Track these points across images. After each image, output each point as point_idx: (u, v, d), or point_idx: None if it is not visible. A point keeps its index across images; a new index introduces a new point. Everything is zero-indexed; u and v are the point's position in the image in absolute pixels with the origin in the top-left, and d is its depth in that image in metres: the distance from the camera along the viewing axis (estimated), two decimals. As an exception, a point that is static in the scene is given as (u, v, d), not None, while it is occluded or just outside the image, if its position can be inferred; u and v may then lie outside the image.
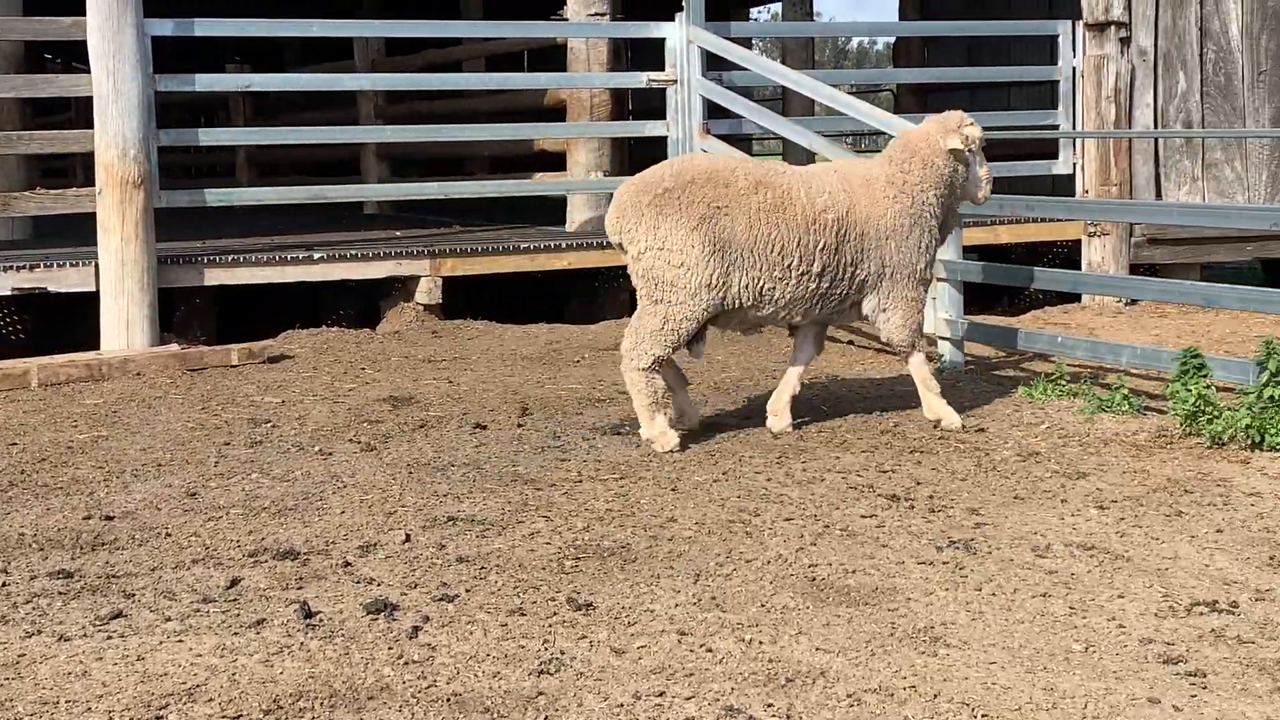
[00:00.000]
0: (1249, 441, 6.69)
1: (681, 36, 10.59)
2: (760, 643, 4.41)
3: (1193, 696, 4.02)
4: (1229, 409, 6.87)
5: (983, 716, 3.89)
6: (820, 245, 6.90)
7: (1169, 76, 11.70)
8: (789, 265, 6.86)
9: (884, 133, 9.53)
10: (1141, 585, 4.95)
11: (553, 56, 12.16)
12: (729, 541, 5.41)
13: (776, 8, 16.78)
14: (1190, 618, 4.64)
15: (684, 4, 10.60)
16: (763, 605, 4.74)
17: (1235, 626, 4.55)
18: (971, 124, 7.23)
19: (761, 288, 6.87)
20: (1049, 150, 12.07)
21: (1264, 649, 4.36)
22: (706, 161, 7.13)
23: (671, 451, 6.78)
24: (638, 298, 7.05)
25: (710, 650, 4.35)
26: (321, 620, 4.62)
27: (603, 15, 11.26)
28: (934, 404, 7.32)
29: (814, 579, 5.01)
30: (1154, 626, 4.57)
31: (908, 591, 4.89)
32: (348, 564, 5.19)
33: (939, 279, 8.80)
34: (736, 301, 6.88)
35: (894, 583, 4.98)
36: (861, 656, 4.32)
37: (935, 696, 4.01)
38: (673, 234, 6.74)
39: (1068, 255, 12.18)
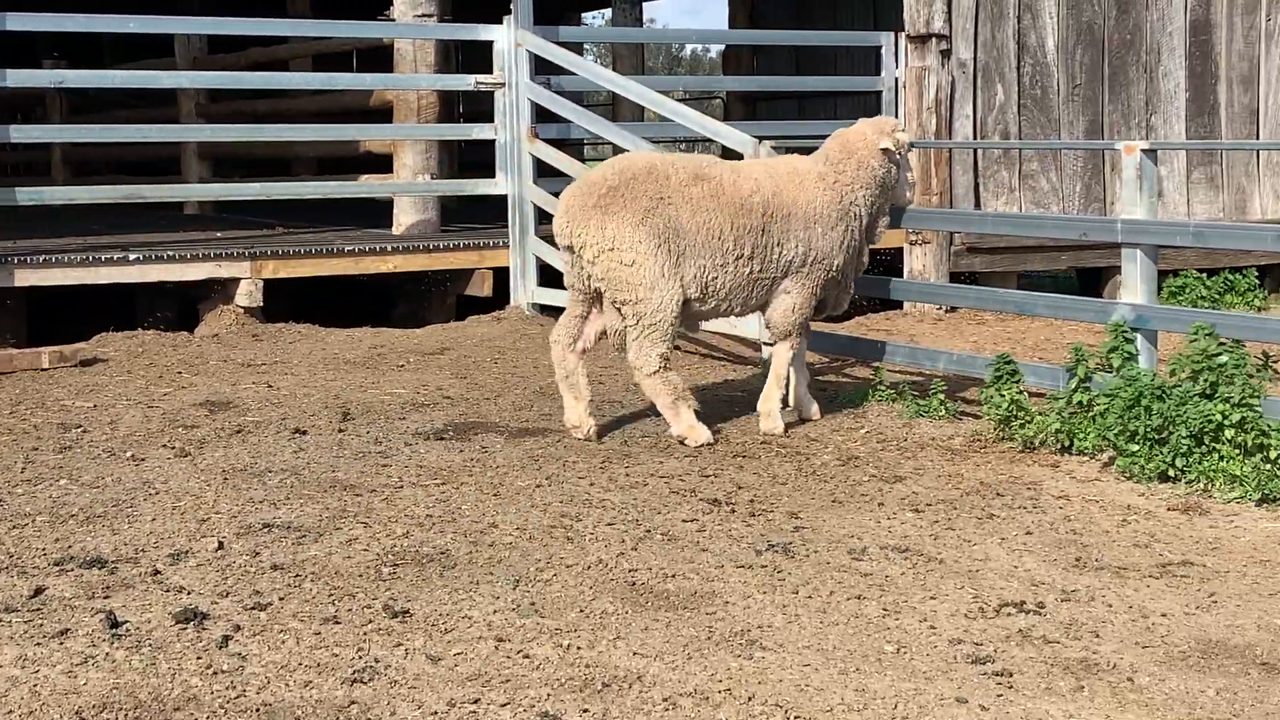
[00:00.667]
0: (1059, 446, 6.87)
1: (510, 40, 10.55)
2: (578, 648, 4.40)
3: (999, 696, 4.10)
4: (1040, 414, 7.04)
5: (796, 718, 3.92)
6: (748, 227, 7.01)
7: (988, 89, 11.97)
8: (726, 249, 6.99)
9: (711, 140, 9.59)
10: (953, 587, 5.04)
11: (381, 57, 12.02)
12: (550, 547, 5.39)
13: (610, 13, 16.86)
14: (999, 618, 4.74)
15: (512, 7, 10.55)
16: (582, 610, 4.73)
17: (1041, 627, 4.66)
18: (903, 130, 7.57)
19: (706, 277, 7.01)
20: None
21: (1068, 648, 4.47)
22: (645, 158, 7.21)
23: (705, 445, 6.99)
24: (605, 305, 7.12)
25: (528, 656, 4.33)
26: (128, 630, 4.49)
27: (430, 16, 11.16)
28: (770, 396, 7.42)
29: (634, 583, 5.01)
30: (964, 627, 4.66)
31: (726, 595, 4.91)
32: (157, 572, 5.06)
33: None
34: (687, 292, 6.99)
35: (713, 586, 5.00)
36: (678, 660, 4.33)
37: (750, 699, 4.04)
38: (621, 231, 6.84)
39: (890, 263, 12.38)
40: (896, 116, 11.90)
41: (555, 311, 10.33)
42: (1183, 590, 5.02)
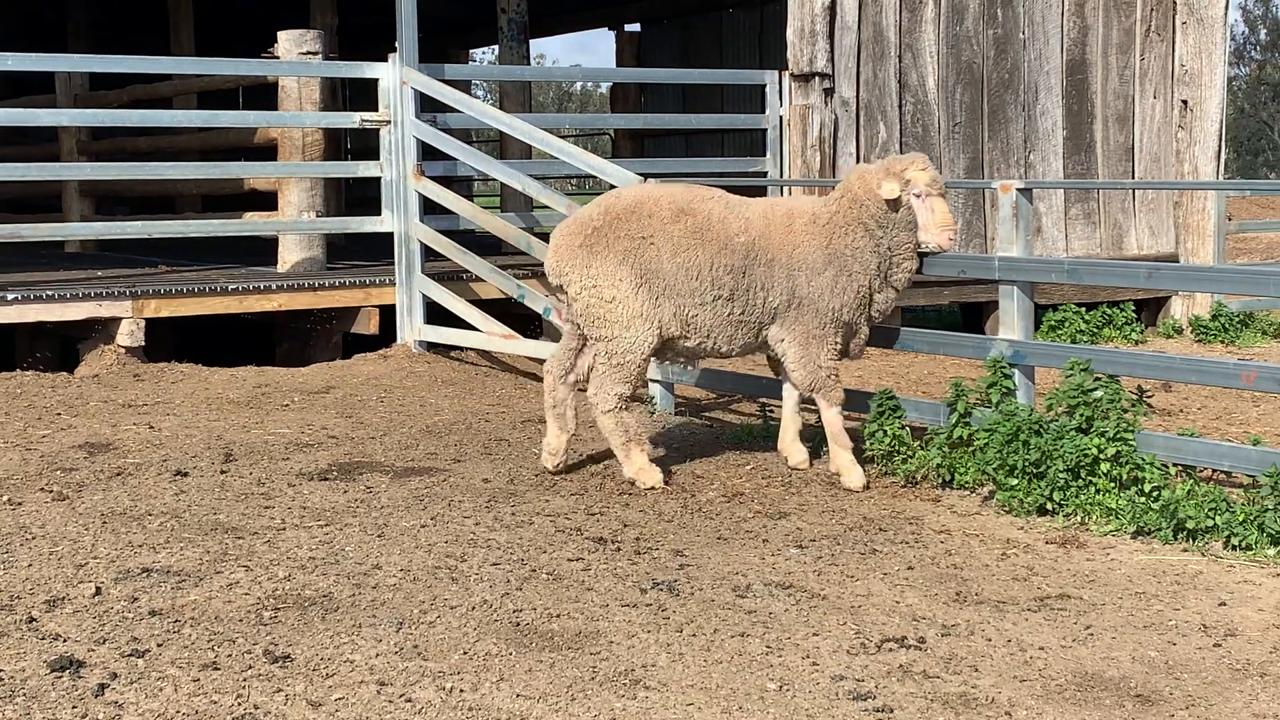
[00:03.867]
0: (940, 480, 6.96)
1: (395, 77, 10.52)
2: (461, 690, 4.38)
3: (880, 731, 4.14)
4: (922, 449, 7.13)
5: (678, 758, 3.93)
6: (728, 267, 6.87)
7: (870, 126, 12.13)
8: (704, 288, 6.90)
9: (598, 178, 9.63)
10: (836, 623, 5.08)
11: (267, 94, 11.91)
12: (434, 588, 5.36)
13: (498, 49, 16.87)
14: (880, 654, 4.78)
15: (397, 45, 10.53)
16: (465, 652, 4.71)
17: (922, 662, 4.71)
18: (922, 167, 6.93)
19: (687, 315, 6.97)
20: (759, 196, 12.33)
21: (948, 683, 4.52)
22: (633, 194, 7.17)
23: (654, 488, 6.95)
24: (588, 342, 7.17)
25: (410, 700, 4.30)
26: (1, 679, 4.40)
27: (314, 54, 11.10)
28: (837, 456, 7.15)
29: (518, 624, 5.00)
30: (846, 663, 4.69)
31: (611, 634, 4.91)
32: (32, 619, 4.96)
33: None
34: (669, 330, 7.00)
35: (598, 626, 5.00)
36: (562, 702, 4.32)
37: (633, 740, 4.04)
38: (602, 271, 6.91)
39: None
40: (782, 154, 12.04)
41: (443, 349, 10.33)
42: (1060, 623, 5.10)
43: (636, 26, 19.06)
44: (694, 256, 6.89)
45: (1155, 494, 6.21)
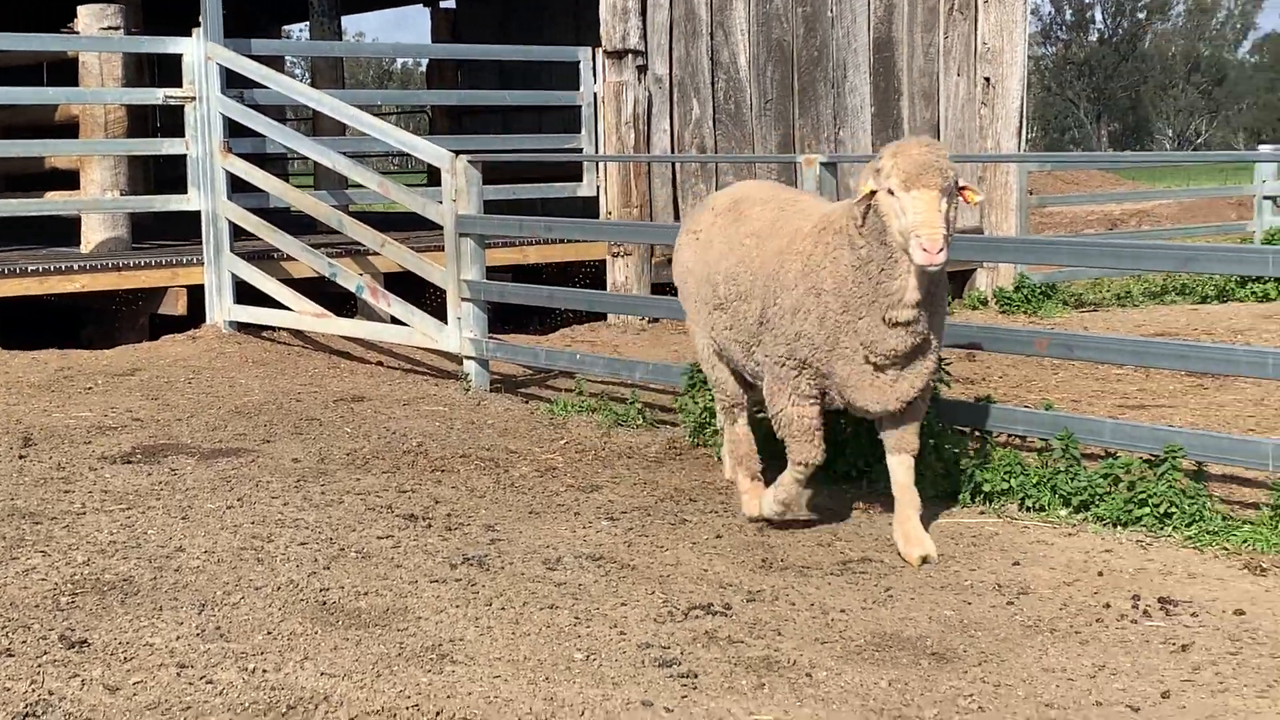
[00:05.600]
0: (751, 450, 7.04)
1: (199, 53, 10.30)
2: (264, 671, 4.33)
3: (684, 697, 4.19)
4: (733, 420, 7.22)
5: (483, 730, 3.94)
6: (726, 273, 5.87)
7: (684, 104, 12.22)
8: (710, 292, 6.01)
9: (411, 155, 9.56)
10: (644, 592, 5.13)
11: (70, 70, 11.57)
12: (238, 569, 5.28)
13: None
14: (687, 621, 4.84)
15: (201, 19, 10.31)
16: (269, 633, 4.65)
17: (727, 628, 4.78)
18: (894, 153, 5.11)
19: (712, 320, 6.08)
20: (576, 173, 12.39)
21: (752, 648, 4.59)
22: (742, 188, 6.32)
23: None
24: None
25: (211, 682, 4.23)
26: None
27: (116, 29, 10.82)
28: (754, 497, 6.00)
29: (325, 603, 4.96)
30: (653, 631, 4.74)
31: (419, 610, 4.90)
32: None
33: (464, 299, 8.89)
34: (719, 339, 6.09)
35: (406, 602, 4.98)
36: (367, 679, 4.29)
37: (438, 714, 4.04)
38: (674, 269, 6.46)
39: (596, 274, 12.53)
40: (597, 131, 12.07)
41: (254, 329, 10.16)
42: (862, 586, 5.21)
43: (452, 3, 18.93)
44: (710, 254, 6.02)
45: (955, 460, 6.37)
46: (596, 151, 12.04)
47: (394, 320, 9.50)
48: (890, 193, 5.07)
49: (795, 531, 5.90)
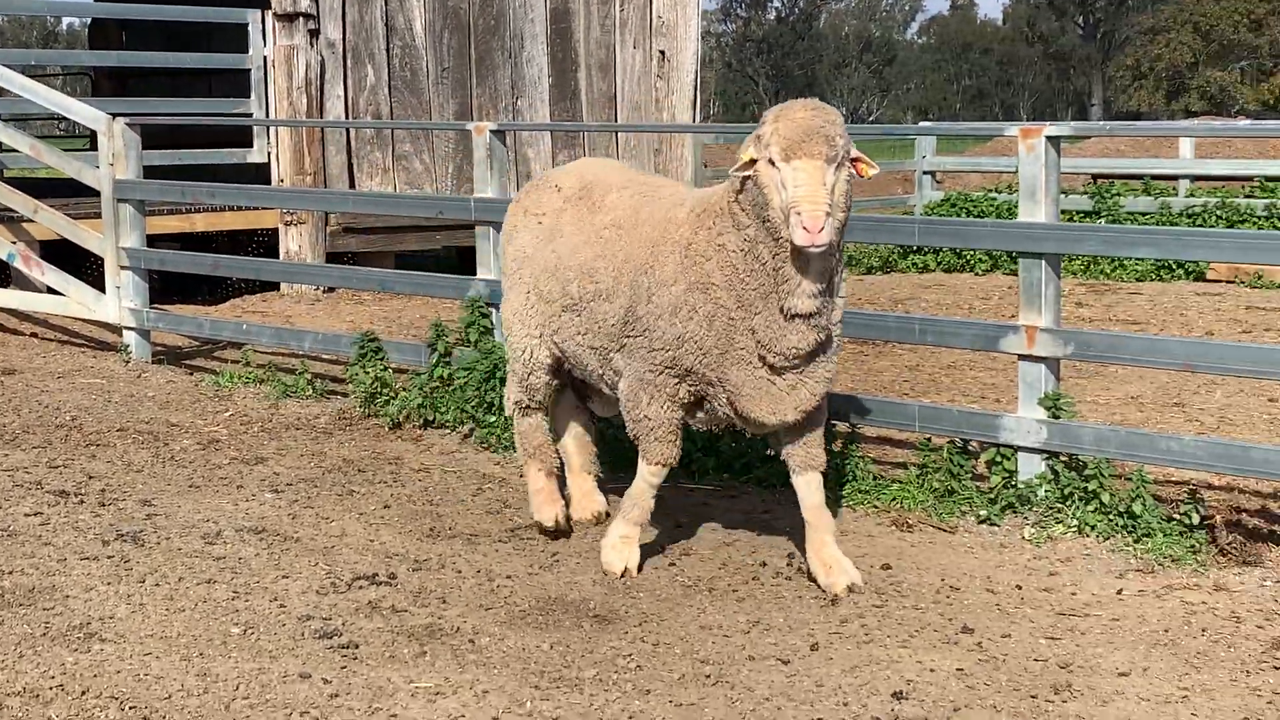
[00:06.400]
0: (422, 420, 7.00)
1: None
2: (-106, 657, 4.09)
3: (344, 668, 4.14)
4: (404, 390, 7.16)
5: (131, 709, 3.81)
6: (579, 266, 5.15)
7: (358, 69, 12.03)
8: (558, 290, 5.27)
9: (66, 117, 9.14)
10: (307, 564, 5.04)
11: None
12: None
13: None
14: (350, 592, 4.78)
15: None
16: (-98, 617, 4.40)
17: (392, 597, 4.74)
18: (775, 118, 4.48)
19: (560, 324, 5.36)
20: (248, 140, 12.05)
21: (416, 616, 4.57)
22: (579, 166, 5.65)
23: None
24: None
25: None
26: None
27: None
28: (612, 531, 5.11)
29: (-35, 584, 4.72)
30: (315, 603, 4.67)
31: (67, 589, 4.71)
32: None
33: (123, 267, 8.57)
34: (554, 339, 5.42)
35: (54, 581, 4.78)
36: (9, 659, 4.11)
37: (83, 694, 3.89)
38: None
39: (270, 244, 12.23)
40: (267, 96, 11.76)
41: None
42: (529, 553, 5.24)
43: (116, -39, 18.13)
44: (555, 245, 5.29)
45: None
46: (267, 117, 11.74)
47: (50, 290, 9.09)
48: (771, 163, 4.40)
49: (465, 500, 5.89)
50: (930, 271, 13.81)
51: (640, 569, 4.99)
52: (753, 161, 4.47)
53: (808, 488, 4.94)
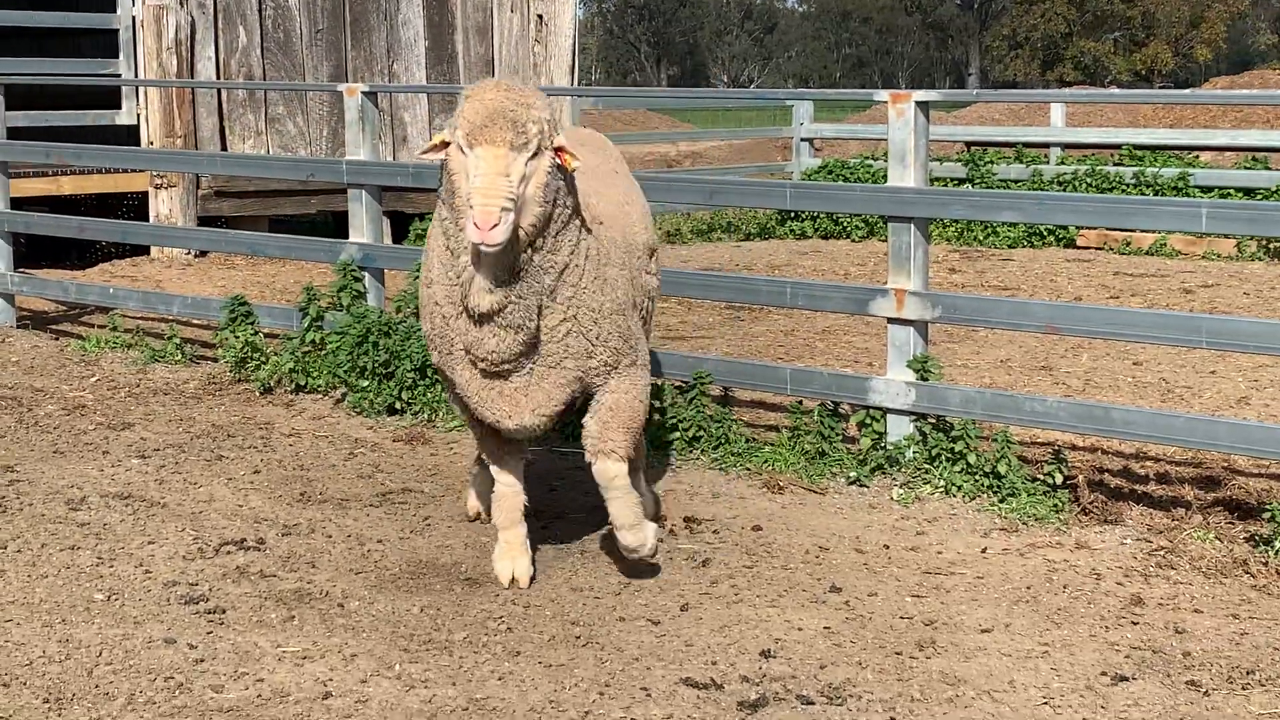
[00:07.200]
0: (294, 385, 6.93)
1: None
2: None
3: (209, 633, 4.10)
4: (276, 355, 7.08)
5: (-11, 677, 3.74)
6: None
7: (230, 30, 11.83)
8: None
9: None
10: (174, 530, 4.97)
11: None
12: None
13: None
14: (218, 558, 4.73)
15: None
16: None
17: (260, 562, 4.69)
18: (468, 94, 4.08)
19: None
20: (115, 101, 11.80)
21: (284, 581, 4.53)
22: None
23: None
24: None
25: None
26: None
27: None
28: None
29: None
30: (181, 569, 4.61)
31: (-75, 557, 4.61)
32: None
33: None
34: None
35: (-90, 550, 4.67)
36: None
37: (-60, 663, 3.81)
38: None
39: (140, 208, 12.00)
40: (136, 57, 11.53)
41: None
42: (400, 517, 5.21)
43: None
44: None
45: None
46: (136, 77, 11.51)
47: (-91, 253, 8.84)
48: (461, 148, 4.03)
49: (337, 465, 5.84)
50: (808, 238, 13.91)
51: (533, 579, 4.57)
52: (445, 144, 4.09)
53: (600, 475, 4.49)
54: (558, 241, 4.15)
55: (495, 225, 3.87)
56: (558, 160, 4.07)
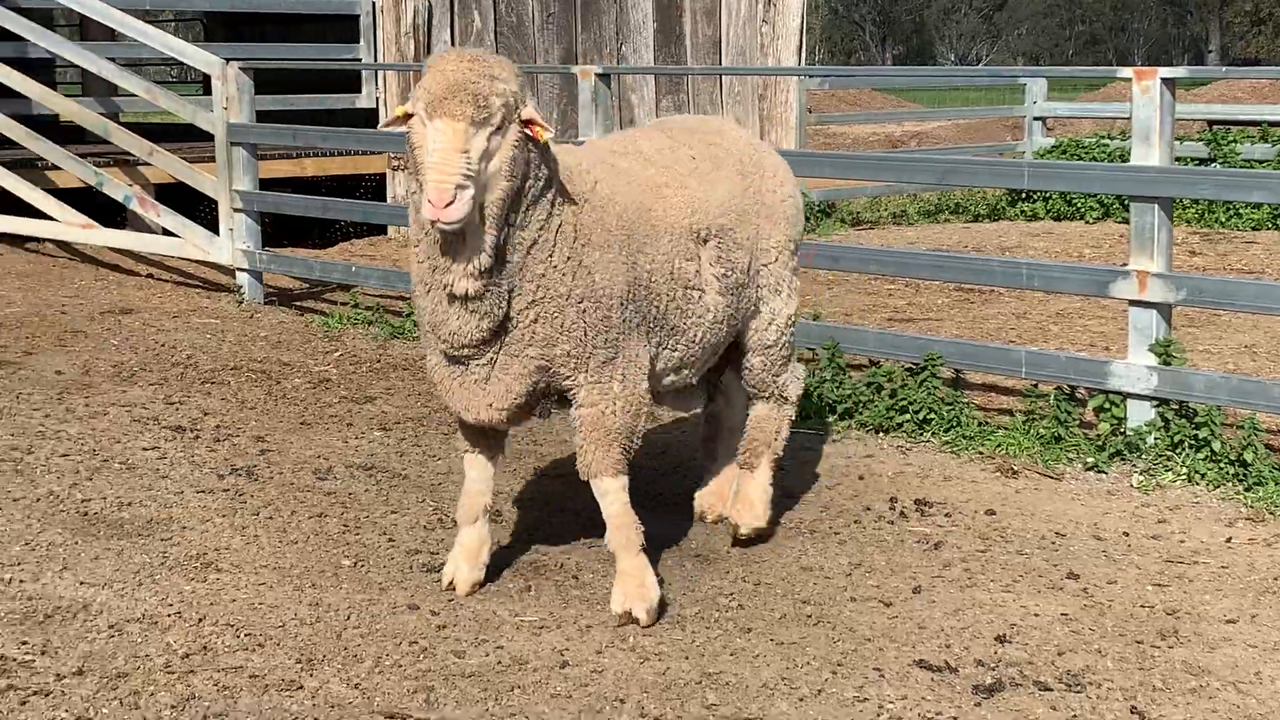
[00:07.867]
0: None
1: (-45, -50, 9.83)
2: (21, 581, 4.23)
3: (450, 600, 4.22)
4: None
5: (246, 635, 3.91)
6: None
7: (465, 15, 12.08)
8: None
9: (180, 61, 9.28)
10: (415, 500, 5.13)
11: None
12: (-5, 482, 5.14)
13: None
14: (455, 528, 4.85)
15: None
16: (27, 544, 4.54)
17: (496, 533, 4.80)
18: (428, 65, 3.88)
19: None
20: (357, 85, 12.15)
21: (518, 551, 4.63)
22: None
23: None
24: None
25: (-38, 594, 4.12)
26: None
27: None
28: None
29: (86, 514, 4.85)
30: (422, 539, 4.75)
31: (184, 520, 4.83)
32: None
33: (236, 210, 8.71)
34: None
35: (171, 513, 4.90)
36: (129, 587, 4.23)
37: (200, 620, 4.00)
38: None
39: (378, 189, 12.35)
40: (376, 41, 11.85)
41: (16, 240, 9.79)
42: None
43: (228, -93, 18.27)
44: None
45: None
46: (375, 61, 11.83)
47: (165, 232, 9.25)
48: (423, 120, 3.80)
49: (569, 442, 5.94)
50: (1039, 220, 13.63)
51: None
52: (409, 116, 3.86)
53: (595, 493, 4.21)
54: (526, 217, 3.94)
55: (450, 203, 3.68)
56: (527, 132, 3.86)
